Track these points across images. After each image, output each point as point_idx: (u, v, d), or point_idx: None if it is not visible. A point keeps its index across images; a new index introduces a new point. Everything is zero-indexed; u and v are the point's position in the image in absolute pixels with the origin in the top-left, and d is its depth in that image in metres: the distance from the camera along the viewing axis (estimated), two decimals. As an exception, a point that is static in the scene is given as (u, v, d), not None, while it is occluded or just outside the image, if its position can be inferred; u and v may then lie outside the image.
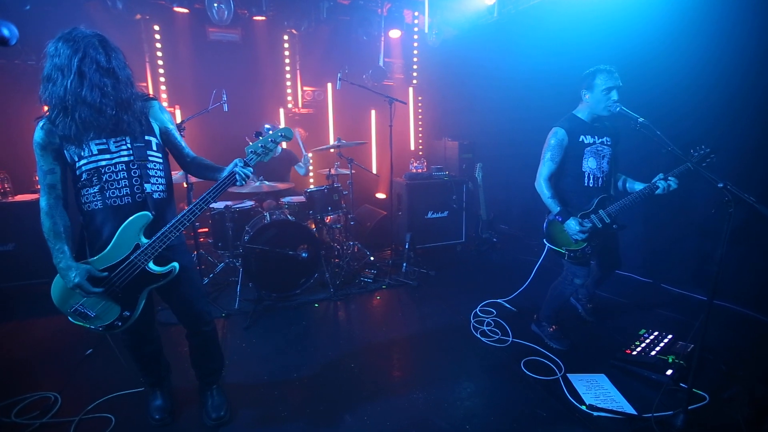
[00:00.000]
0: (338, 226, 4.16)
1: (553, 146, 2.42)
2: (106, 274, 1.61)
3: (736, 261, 2.89)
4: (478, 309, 3.17)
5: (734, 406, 1.97)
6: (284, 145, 5.44)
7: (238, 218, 3.67)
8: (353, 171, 4.08)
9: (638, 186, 2.44)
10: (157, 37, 4.86)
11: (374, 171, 5.92)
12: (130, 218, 1.61)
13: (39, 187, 1.61)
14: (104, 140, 1.59)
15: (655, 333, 2.57)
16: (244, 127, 4.90)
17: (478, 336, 2.79)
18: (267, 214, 3.49)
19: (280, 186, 3.82)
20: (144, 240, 1.63)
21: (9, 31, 1.15)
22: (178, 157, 1.86)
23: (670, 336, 2.52)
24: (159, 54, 4.90)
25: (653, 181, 2.32)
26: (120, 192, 1.62)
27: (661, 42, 3.29)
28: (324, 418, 2.03)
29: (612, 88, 2.28)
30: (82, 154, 1.56)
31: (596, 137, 2.42)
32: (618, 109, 2.23)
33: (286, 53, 5.52)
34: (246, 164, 1.69)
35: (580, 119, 2.45)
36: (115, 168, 1.61)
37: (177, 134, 1.83)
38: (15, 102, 4.15)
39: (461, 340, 2.76)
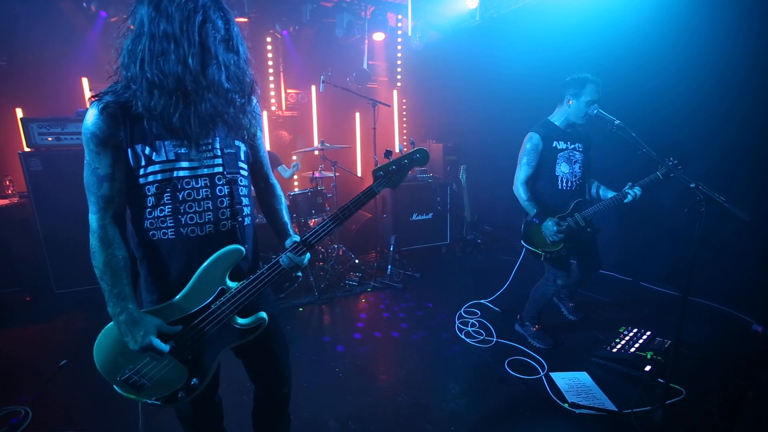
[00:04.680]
0: (323, 229, 4.12)
1: (529, 151, 2.49)
2: (179, 327, 1.13)
3: (709, 259, 2.98)
4: (462, 310, 3.19)
5: (709, 399, 2.03)
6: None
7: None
8: (337, 174, 4.06)
9: (610, 194, 2.52)
10: (135, 38, 4.75)
11: (359, 173, 5.90)
12: (218, 253, 1.15)
13: (89, 199, 1.09)
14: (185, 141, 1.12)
15: (635, 330, 2.63)
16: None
17: (463, 337, 2.80)
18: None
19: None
20: (230, 284, 1.18)
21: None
22: (253, 174, 1.37)
23: (648, 333, 2.58)
24: (137, 55, 4.79)
25: (623, 189, 2.42)
26: (202, 218, 1.14)
27: (642, 46, 3.37)
28: (308, 425, 2.01)
29: (595, 101, 2.36)
30: (154, 158, 1.08)
31: (569, 143, 2.50)
32: (595, 112, 2.30)
33: (269, 55, 5.47)
34: (299, 251, 1.29)
35: (554, 125, 2.52)
36: (197, 183, 1.13)
37: (263, 145, 1.37)
38: (-16, 104, 4.01)
39: (446, 341, 2.77)
